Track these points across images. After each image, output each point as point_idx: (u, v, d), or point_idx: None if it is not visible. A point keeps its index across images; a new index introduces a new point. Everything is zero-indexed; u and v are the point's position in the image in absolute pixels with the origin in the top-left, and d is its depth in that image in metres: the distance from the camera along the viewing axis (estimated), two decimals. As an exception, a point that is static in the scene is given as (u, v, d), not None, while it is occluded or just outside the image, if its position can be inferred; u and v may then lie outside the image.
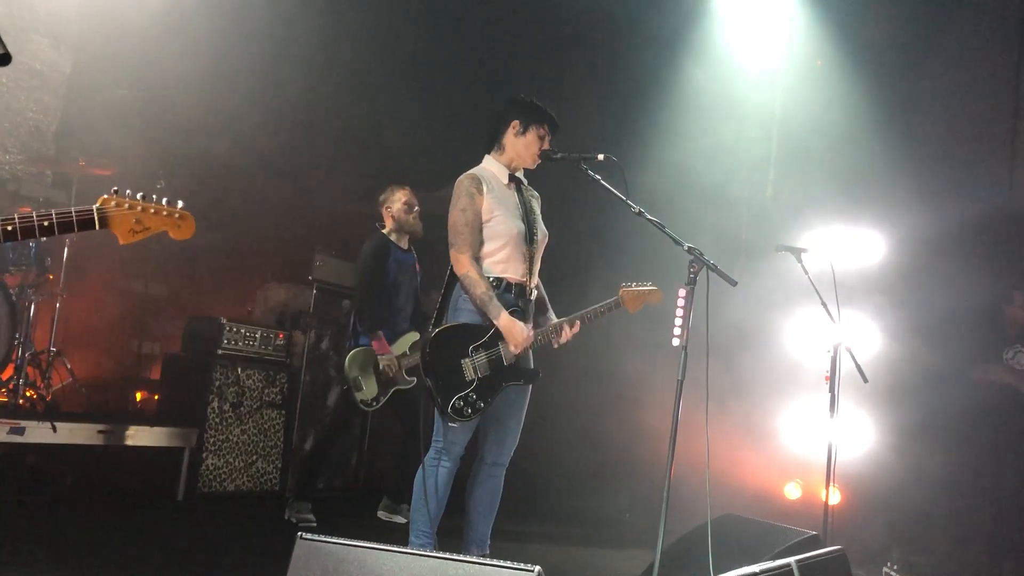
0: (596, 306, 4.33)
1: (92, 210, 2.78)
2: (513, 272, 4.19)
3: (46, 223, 2.71)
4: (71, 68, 7.49)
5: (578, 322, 4.27)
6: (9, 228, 2.69)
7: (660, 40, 8.09)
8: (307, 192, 8.60)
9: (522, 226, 4.20)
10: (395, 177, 6.42)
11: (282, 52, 7.64)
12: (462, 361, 4.03)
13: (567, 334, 4.26)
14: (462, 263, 4.08)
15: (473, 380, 4.04)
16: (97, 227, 2.80)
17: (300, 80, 7.92)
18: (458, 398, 3.99)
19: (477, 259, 4.12)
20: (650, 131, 7.79)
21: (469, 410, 4.02)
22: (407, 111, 8.42)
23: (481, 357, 4.06)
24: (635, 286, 4.42)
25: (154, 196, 2.89)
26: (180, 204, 2.93)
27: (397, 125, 8.49)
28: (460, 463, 4.20)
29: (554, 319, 4.36)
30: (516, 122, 4.26)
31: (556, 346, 4.29)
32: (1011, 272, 7.08)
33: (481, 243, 4.14)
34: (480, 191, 4.12)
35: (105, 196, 2.81)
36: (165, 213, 2.88)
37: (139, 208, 2.84)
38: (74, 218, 2.75)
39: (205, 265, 8.02)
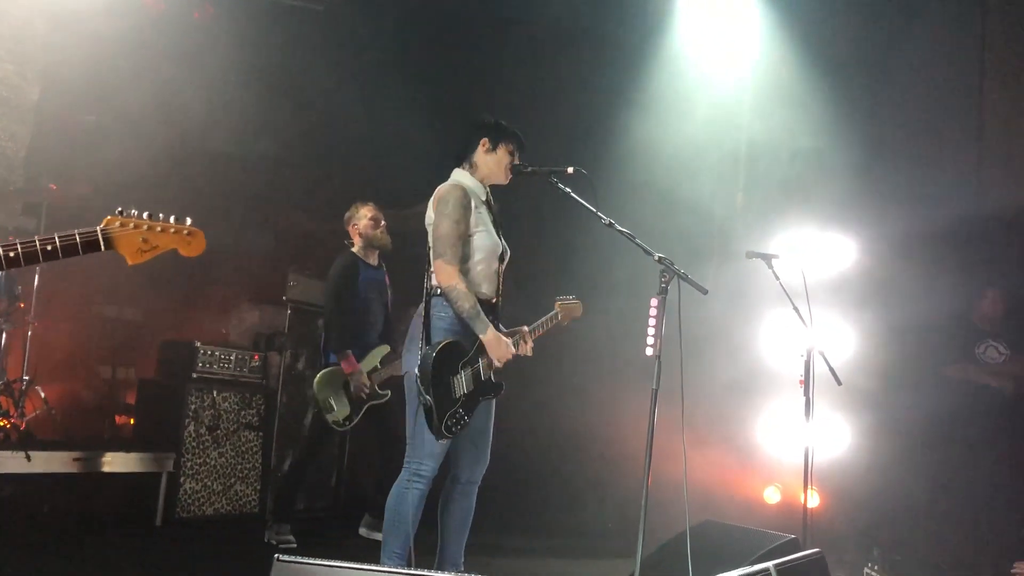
0: (539, 321, 4.38)
1: (96, 231, 2.70)
2: (486, 289, 4.20)
3: (49, 247, 2.65)
4: (39, 95, 7.45)
5: (528, 339, 4.29)
6: (11, 254, 2.63)
7: (626, 52, 8.15)
8: (279, 213, 8.58)
9: (499, 243, 4.22)
10: (367, 195, 6.43)
11: (251, 76, 7.64)
12: (452, 378, 4.04)
13: (523, 349, 4.27)
14: (450, 274, 4.03)
15: (461, 396, 4.05)
16: (103, 248, 2.72)
17: (269, 102, 7.91)
18: (449, 415, 4.00)
19: (464, 271, 4.10)
20: (618, 143, 7.83)
21: (458, 427, 4.03)
22: (378, 130, 8.43)
23: (467, 373, 4.07)
24: (565, 300, 4.51)
25: (161, 215, 2.80)
26: (189, 220, 2.85)
27: (367, 144, 8.49)
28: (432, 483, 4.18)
29: (504, 330, 4.33)
30: (485, 140, 4.28)
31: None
32: (979, 272, 7.16)
33: (467, 256, 4.14)
34: (470, 204, 4.12)
35: (109, 216, 2.73)
36: (173, 231, 2.82)
37: (145, 227, 2.76)
38: (78, 240, 2.67)
39: (178, 289, 7.97)
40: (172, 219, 2.82)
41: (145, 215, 2.77)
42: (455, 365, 4.05)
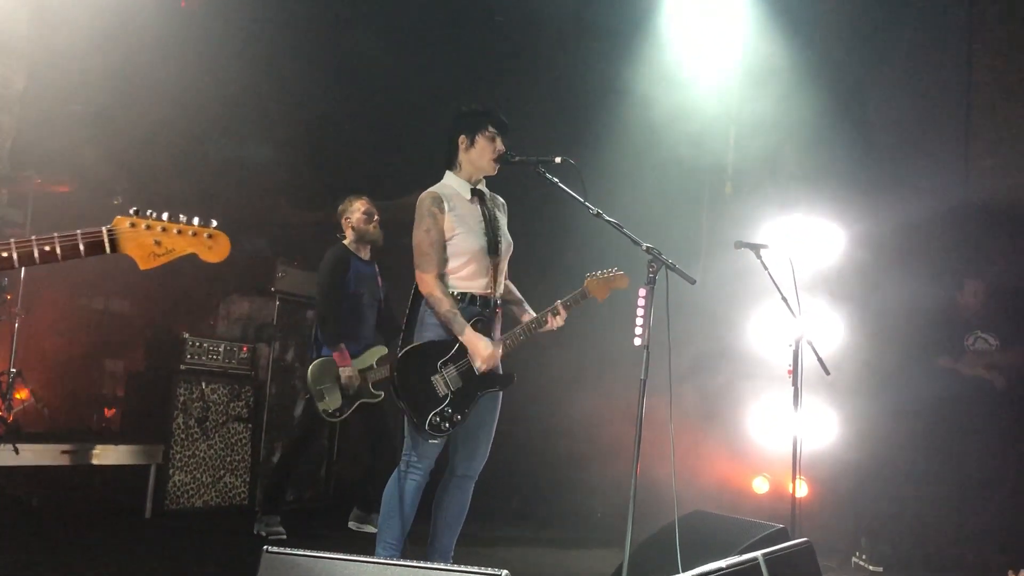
0: (564, 299, 4.30)
1: (102, 231, 2.45)
2: (477, 286, 4.20)
3: (47, 248, 2.41)
4: (24, 85, 7.40)
5: (562, 310, 4.25)
6: (4, 254, 2.42)
7: (615, 42, 8.14)
8: (267, 203, 8.55)
9: (484, 241, 4.22)
10: (355, 186, 6.40)
11: (238, 65, 7.59)
12: (432, 378, 4.05)
13: (553, 323, 4.24)
14: (426, 283, 4.10)
15: (447, 394, 4.05)
16: (108, 251, 2.46)
17: (258, 91, 7.88)
18: (434, 414, 4.00)
19: (442, 276, 4.14)
20: (607, 132, 7.83)
21: (447, 424, 4.03)
22: (367, 120, 8.40)
23: (451, 370, 4.07)
24: (600, 273, 4.38)
25: (182, 216, 2.53)
26: (214, 223, 2.58)
27: (357, 134, 8.46)
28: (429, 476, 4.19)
29: (530, 312, 4.37)
30: (462, 137, 4.28)
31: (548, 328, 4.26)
32: (969, 262, 7.19)
33: (446, 260, 4.16)
34: (441, 210, 4.14)
35: (120, 216, 2.48)
36: (192, 233, 2.53)
37: (159, 228, 2.49)
38: (80, 241, 2.42)
39: (166, 280, 7.94)
40: (196, 220, 2.54)
41: (164, 216, 2.51)
42: (433, 364, 4.07)
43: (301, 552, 2.80)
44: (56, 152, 7.06)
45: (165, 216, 2.51)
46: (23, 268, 6.46)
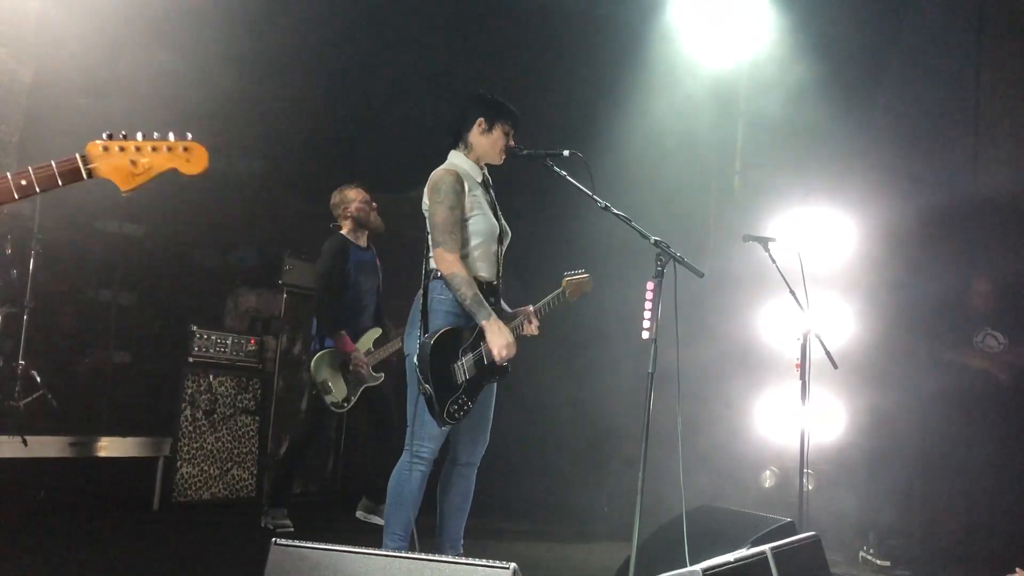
0: (541, 303, 4.30)
1: (75, 158, 2.45)
2: (485, 272, 4.17)
3: (24, 181, 2.42)
4: (32, 78, 7.40)
5: (534, 319, 4.25)
6: None
7: (623, 34, 8.11)
8: (274, 196, 8.55)
9: (496, 225, 4.21)
10: (363, 179, 6.39)
11: (244, 58, 7.59)
12: (453, 365, 4.03)
13: (529, 329, 4.23)
14: (449, 262, 4.01)
15: (463, 383, 4.04)
16: (85, 177, 2.46)
17: (264, 85, 7.88)
18: (451, 402, 3.99)
19: (463, 257, 4.08)
20: (614, 126, 7.81)
21: (461, 413, 4.03)
22: (373, 113, 8.39)
23: (469, 359, 4.05)
24: (575, 275, 4.39)
25: (156, 133, 2.51)
26: (189, 136, 2.55)
27: (363, 127, 8.46)
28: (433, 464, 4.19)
29: (508, 311, 4.31)
30: (481, 119, 4.22)
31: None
32: (976, 256, 7.16)
33: (465, 240, 4.11)
34: (464, 189, 4.09)
35: (93, 141, 2.47)
36: (168, 148, 2.51)
37: (134, 147, 2.47)
38: (55, 169, 2.42)
39: (173, 272, 7.96)
40: (171, 135, 2.52)
41: (139, 135, 2.49)
42: (455, 352, 4.04)
43: (310, 544, 2.81)
44: (64, 146, 7.06)
45: (140, 135, 2.49)
46: (32, 258, 6.51)
